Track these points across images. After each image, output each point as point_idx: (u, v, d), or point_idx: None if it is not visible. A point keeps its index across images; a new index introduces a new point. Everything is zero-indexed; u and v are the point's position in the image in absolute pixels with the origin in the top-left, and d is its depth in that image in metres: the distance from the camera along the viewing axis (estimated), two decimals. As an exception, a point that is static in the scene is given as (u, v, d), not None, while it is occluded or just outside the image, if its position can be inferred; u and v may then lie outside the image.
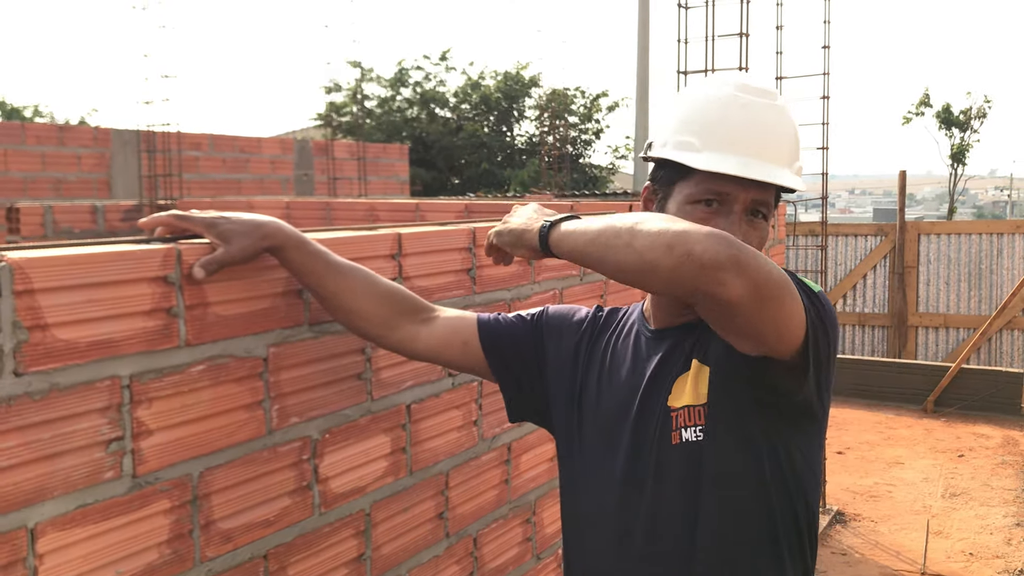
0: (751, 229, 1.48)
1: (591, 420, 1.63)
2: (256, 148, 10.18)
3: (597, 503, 1.60)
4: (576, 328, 1.73)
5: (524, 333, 1.75)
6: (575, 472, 1.67)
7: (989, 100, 20.53)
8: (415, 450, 2.10)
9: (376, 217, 5.44)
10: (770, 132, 1.49)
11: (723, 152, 1.45)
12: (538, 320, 1.77)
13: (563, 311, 1.78)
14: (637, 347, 1.62)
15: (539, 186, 15.31)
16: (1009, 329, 10.21)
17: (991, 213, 59.31)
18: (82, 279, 1.36)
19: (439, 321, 1.76)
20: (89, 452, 1.39)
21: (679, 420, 1.49)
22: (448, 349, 1.75)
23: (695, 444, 1.47)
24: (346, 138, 16.12)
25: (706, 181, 1.47)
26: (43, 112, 21.51)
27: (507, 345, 1.74)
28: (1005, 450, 7.45)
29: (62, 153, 8.45)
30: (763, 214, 1.50)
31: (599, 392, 1.63)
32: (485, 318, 1.77)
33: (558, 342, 1.73)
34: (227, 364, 1.61)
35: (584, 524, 1.64)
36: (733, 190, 1.46)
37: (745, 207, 1.47)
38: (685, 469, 1.48)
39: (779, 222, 5.44)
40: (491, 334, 1.74)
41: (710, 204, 1.47)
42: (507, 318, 1.78)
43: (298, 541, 1.77)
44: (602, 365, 1.65)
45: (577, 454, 1.66)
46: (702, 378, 1.48)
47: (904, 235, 10.83)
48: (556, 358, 1.72)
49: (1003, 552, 5.39)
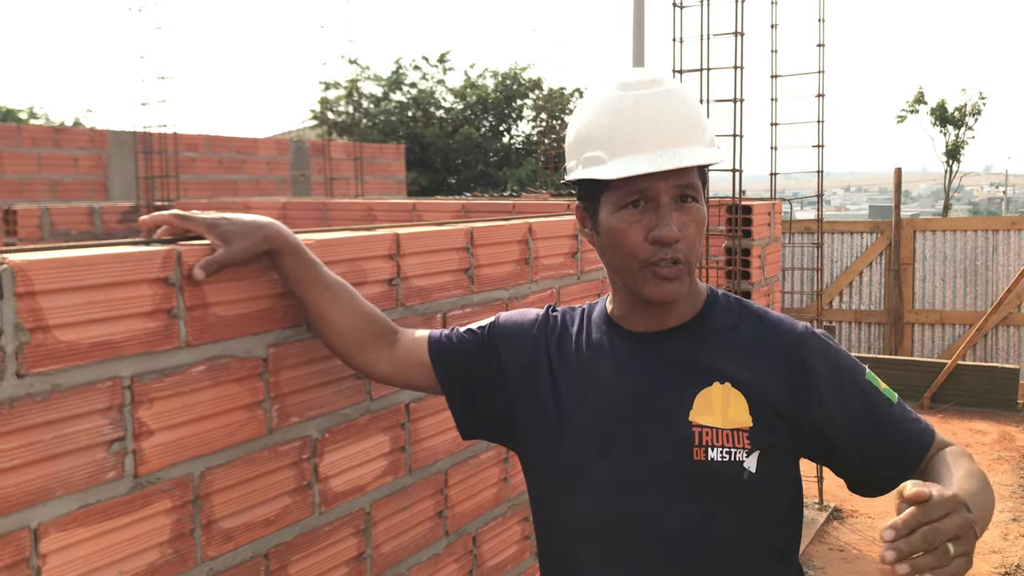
0: (684, 215, 1.47)
1: (575, 421, 1.59)
2: (252, 149, 10.18)
3: (591, 508, 1.56)
4: (530, 328, 1.70)
5: (475, 347, 1.71)
6: (559, 476, 1.61)
7: (984, 97, 20.59)
8: (414, 449, 2.11)
9: (373, 217, 5.45)
10: (666, 118, 1.47)
11: (629, 155, 1.46)
12: (490, 331, 1.73)
13: (515, 316, 1.75)
14: (616, 350, 1.58)
15: (535, 186, 15.32)
16: (1005, 325, 10.24)
17: (986, 210, 59.41)
18: (83, 281, 1.37)
19: (400, 344, 1.75)
20: (91, 452, 1.39)
21: (704, 438, 1.48)
22: (406, 370, 1.74)
23: (724, 465, 1.47)
24: (342, 138, 16.12)
25: (624, 185, 1.47)
26: (38, 114, 21.49)
27: (457, 363, 1.71)
28: (1001, 446, 7.47)
29: (58, 155, 8.45)
30: (692, 197, 1.48)
31: (582, 392, 1.59)
32: (436, 336, 1.75)
33: (514, 347, 1.69)
34: (227, 364, 1.62)
35: (578, 530, 1.59)
36: (651, 185, 1.46)
37: (671, 196, 1.47)
38: (707, 486, 1.48)
39: (775, 220, 5.46)
40: (440, 352, 1.72)
41: (636, 205, 1.47)
42: (459, 334, 1.74)
43: (298, 540, 1.78)
44: (578, 363, 1.62)
45: (563, 456, 1.60)
46: (734, 403, 1.49)
47: (900, 232, 10.86)
48: (515, 363, 1.68)
49: (999, 547, 5.41)
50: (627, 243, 1.48)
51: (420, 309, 2.10)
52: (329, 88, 18.11)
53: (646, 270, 1.48)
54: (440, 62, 18.91)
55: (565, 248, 2.71)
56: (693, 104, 1.52)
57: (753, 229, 5.05)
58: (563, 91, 18.58)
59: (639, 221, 1.47)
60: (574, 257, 2.76)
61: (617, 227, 1.49)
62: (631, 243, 1.48)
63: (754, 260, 5.08)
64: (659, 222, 1.45)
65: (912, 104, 20.89)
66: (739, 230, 4.99)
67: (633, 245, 1.48)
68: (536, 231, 2.56)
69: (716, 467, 1.47)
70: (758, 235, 5.11)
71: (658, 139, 1.45)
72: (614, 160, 1.47)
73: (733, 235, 5.01)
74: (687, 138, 1.47)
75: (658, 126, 1.46)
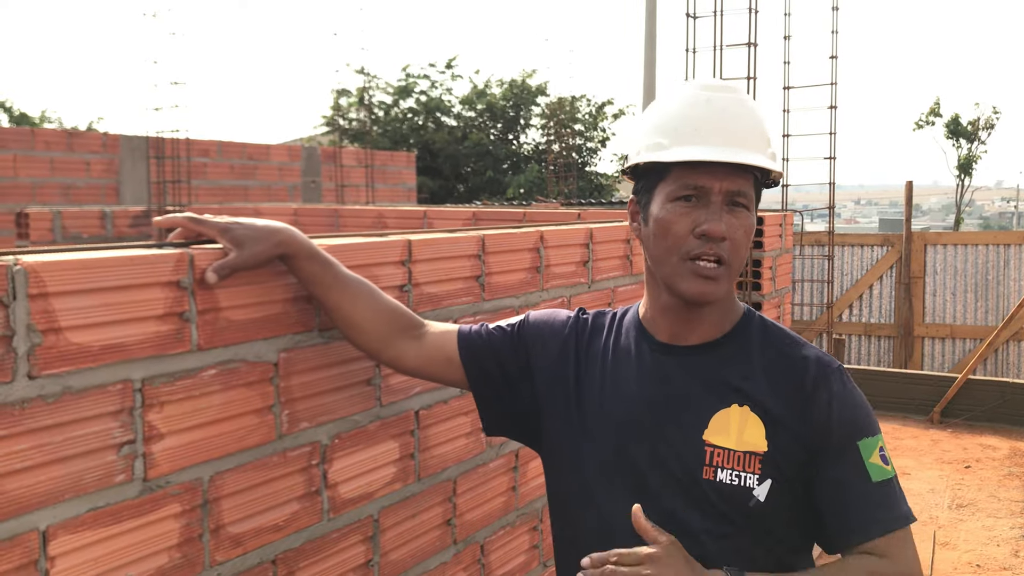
0: (734, 219, 1.49)
1: (595, 425, 1.60)
2: (264, 155, 10.21)
3: (607, 515, 1.56)
4: (560, 330, 1.71)
5: (505, 345, 1.72)
6: (577, 481, 1.62)
7: (997, 111, 20.55)
8: (423, 456, 2.10)
9: (384, 224, 5.46)
10: (736, 121, 1.50)
11: (691, 144, 1.48)
12: (520, 329, 1.74)
13: (545, 316, 1.75)
14: (642, 357, 1.59)
15: (544, 194, 15.33)
16: (1016, 340, 10.19)
17: (997, 224, 59.21)
18: (95, 283, 1.37)
19: (427, 338, 1.76)
20: (101, 455, 1.39)
21: (715, 458, 1.48)
22: (433, 365, 1.75)
23: (733, 488, 1.47)
24: (353, 145, 16.16)
25: (682, 177, 1.49)
26: (50, 118, 21.59)
27: (486, 358, 1.72)
28: (1012, 461, 7.42)
29: (71, 159, 8.49)
30: (744, 205, 1.50)
31: (603, 397, 1.60)
32: (466, 331, 1.75)
33: (543, 347, 1.70)
34: (238, 369, 1.62)
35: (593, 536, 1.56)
36: (707, 181, 1.47)
37: (724, 197, 1.48)
38: (716, 506, 1.48)
39: (787, 231, 5.44)
40: (470, 348, 1.73)
41: (689, 199, 1.49)
42: (488, 330, 1.75)
43: (307, 546, 1.78)
44: (603, 368, 1.63)
45: (582, 461, 1.61)
46: (750, 427, 1.48)
47: (911, 245, 10.82)
48: (544, 364, 1.69)
49: (1010, 564, 5.37)
50: (673, 233, 1.49)
51: (431, 316, 2.09)
52: (340, 96, 18.18)
53: (686, 264, 1.49)
54: (448, 68, 18.95)
55: (576, 257, 2.70)
56: (763, 116, 1.55)
57: (764, 240, 5.03)
58: (572, 98, 18.61)
59: (688, 214, 1.49)
60: (585, 266, 2.75)
61: (666, 217, 1.50)
62: (677, 234, 1.49)
63: (765, 271, 5.06)
64: (708, 217, 1.47)
65: (928, 116, 20.87)
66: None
67: (678, 236, 1.49)
68: (548, 239, 2.55)
69: (724, 489, 1.47)
70: (769, 246, 5.09)
71: (722, 135, 1.48)
72: (676, 147, 1.49)
73: (744, 246, 4.99)
74: (751, 143, 1.50)
75: (725, 125, 1.49)
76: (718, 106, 1.51)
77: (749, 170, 1.50)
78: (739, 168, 1.49)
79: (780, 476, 1.47)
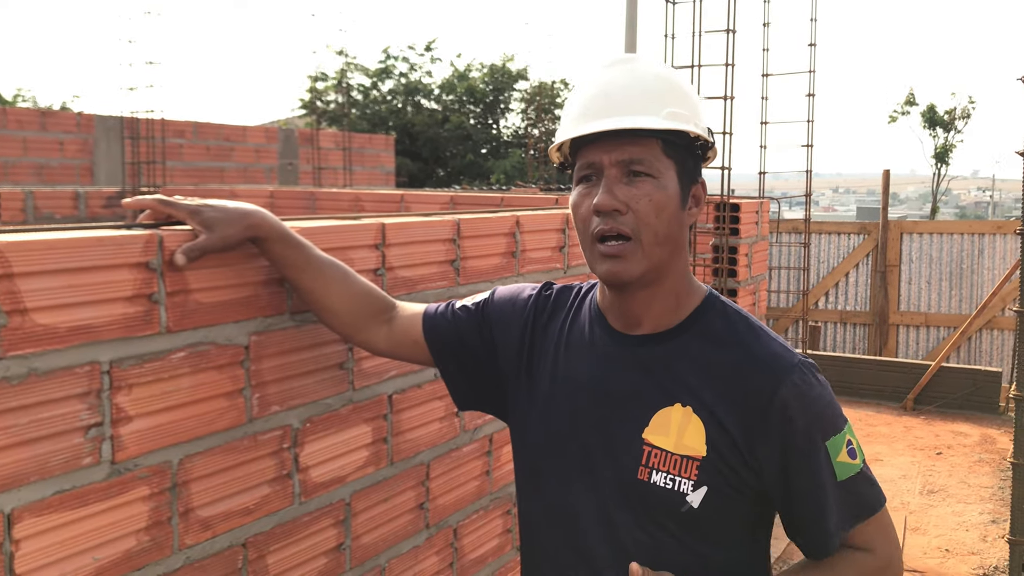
0: (633, 189, 1.41)
1: (543, 407, 1.58)
2: (241, 136, 10.13)
3: (547, 498, 1.56)
4: (521, 308, 1.67)
5: (470, 322, 1.71)
6: (527, 461, 1.62)
7: (973, 101, 20.69)
8: (396, 440, 2.10)
9: (361, 207, 5.43)
10: (621, 91, 1.44)
11: (576, 123, 1.45)
12: (484, 306, 1.72)
13: (510, 292, 1.72)
14: (595, 344, 1.55)
15: (525, 179, 15.31)
16: (989, 328, 10.30)
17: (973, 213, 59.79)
18: (63, 264, 1.35)
19: (396, 320, 1.75)
20: (68, 438, 1.38)
21: (652, 459, 1.43)
22: (403, 347, 1.75)
23: (666, 492, 1.42)
24: (331, 127, 16.06)
25: (580, 159, 1.47)
26: (25, 96, 21.31)
27: (450, 337, 1.71)
28: (983, 448, 7.51)
29: (44, 138, 8.38)
30: (646, 173, 1.42)
31: (554, 380, 1.57)
32: (431, 312, 1.74)
33: (505, 325, 1.67)
34: (208, 351, 1.60)
35: (539, 519, 1.59)
36: (597, 156, 1.43)
37: (619, 169, 1.42)
38: (648, 507, 1.44)
39: (763, 219, 5.46)
40: (434, 328, 1.72)
41: (589, 179, 1.46)
42: (454, 309, 1.73)
43: (277, 530, 1.77)
44: (556, 352, 1.59)
45: (531, 442, 1.60)
46: (691, 430, 1.41)
47: (887, 234, 10.90)
48: (505, 340, 1.67)
49: (979, 549, 5.44)
50: (580, 217, 1.47)
51: (405, 299, 2.08)
52: (318, 80, 18.06)
53: (596, 246, 1.44)
54: (427, 50, 18.86)
55: (552, 242, 2.70)
56: (659, 79, 1.48)
57: (741, 227, 5.06)
58: (553, 83, 18.56)
59: (589, 194, 1.45)
60: (561, 251, 2.75)
61: (573, 201, 1.48)
62: (582, 216, 1.46)
63: (741, 258, 5.08)
64: (601, 195, 1.42)
65: (903, 105, 20.99)
66: (727, 228, 4.99)
67: (583, 219, 1.46)
68: (524, 224, 2.55)
69: (657, 491, 1.42)
70: (746, 233, 5.11)
71: (604, 108, 1.44)
72: (565, 128, 1.48)
73: (721, 233, 5.01)
74: (636, 108, 1.42)
75: (610, 97, 1.44)
76: (605, 79, 1.47)
77: (646, 137, 1.42)
78: (633, 136, 1.41)
79: (720, 483, 1.41)
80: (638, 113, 1.42)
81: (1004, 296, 9.65)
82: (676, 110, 1.44)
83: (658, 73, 1.49)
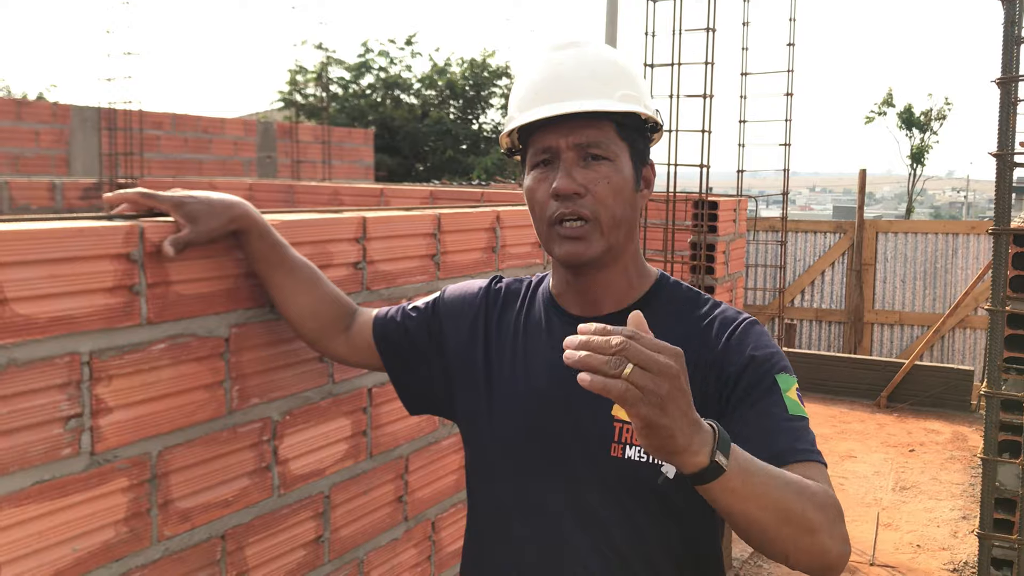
0: (591, 172, 1.43)
1: (503, 401, 1.57)
2: (219, 129, 10.07)
3: (511, 491, 1.55)
4: (472, 303, 1.67)
5: (418, 324, 1.70)
6: (485, 456, 1.61)
7: (949, 102, 20.87)
8: (375, 434, 2.10)
9: (340, 201, 5.42)
10: (571, 73, 1.46)
11: (528, 109, 1.46)
12: (435, 306, 1.72)
13: (460, 289, 1.72)
14: (553, 331, 1.55)
15: (504, 175, 15.30)
16: (962, 327, 10.42)
17: (948, 213, 60.35)
18: (43, 254, 1.35)
19: (353, 327, 1.75)
20: (47, 428, 1.38)
21: (624, 434, 1.44)
22: (359, 354, 1.75)
23: (640, 465, 1.42)
24: (310, 121, 15.99)
25: (534, 144, 1.47)
26: None
27: (398, 341, 1.71)
28: (954, 445, 7.61)
29: (20, 128, 8.30)
30: (603, 156, 1.44)
31: (513, 372, 1.57)
32: (381, 316, 1.74)
33: (455, 323, 1.67)
34: (188, 343, 1.61)
35: (497, 513, 1.59)
36: (553, 140, 1.45)
37: (576, 153, 1.44)
38: (623, 484, 1.44)
39: (741, 217, 5.50)
40: (384, 333, 1.72)
41: (545, 164, 1.47)
42: (404, 312, 1.73)
43: (256, 522, 1.77)
44: (514, 343, 1.59)
45: (488, 438, 1.60)
46: None
47: (863, 233, 10.99)
48: (456, 339, 1.66)
49: (949, 544, 5.51)
50: (536, 201, 1.47)
51: (385, 294, 2.09)
52: (298, 73, 17.96)
53: (554, 229, 1.46)
54: (407, 44, 18.79)
55: (532, 237, 2.71)
56: (608, 63, 1.49)
57: (719, 225, 5.09)
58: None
59: (546, 179, 1.46)
60: (541, 247, 2.76)
61: (529, 186, 1.49)
62: (539, 201, 1.47)
63: (719, 256, 5.11)
64: (559, 179, 1.43)
65: (881, 106, 21.14)
66: (704, 225, 5.02)
67: (540, 203, 1.47)
68: (504, 219, 2.56)
69: (632, 466, 1.43)
70: (723, 231, 5.14)
71: (556, 92, 1.44)
72: (517, 115, 1.48)
73: (698, 230, 5.04)
74: (588, 91, 1.44)
75: (560, 81, 1.45)
76: (554, 62, 1.47)
77: (601, 120, 1.44)
78: (588, 119, 1.43)
79: None
80: (592, 96, 1.43)
81: (977, 295, 9.76)
82: (628, 92, 1.47)
83: (607, 56, 1.51)
